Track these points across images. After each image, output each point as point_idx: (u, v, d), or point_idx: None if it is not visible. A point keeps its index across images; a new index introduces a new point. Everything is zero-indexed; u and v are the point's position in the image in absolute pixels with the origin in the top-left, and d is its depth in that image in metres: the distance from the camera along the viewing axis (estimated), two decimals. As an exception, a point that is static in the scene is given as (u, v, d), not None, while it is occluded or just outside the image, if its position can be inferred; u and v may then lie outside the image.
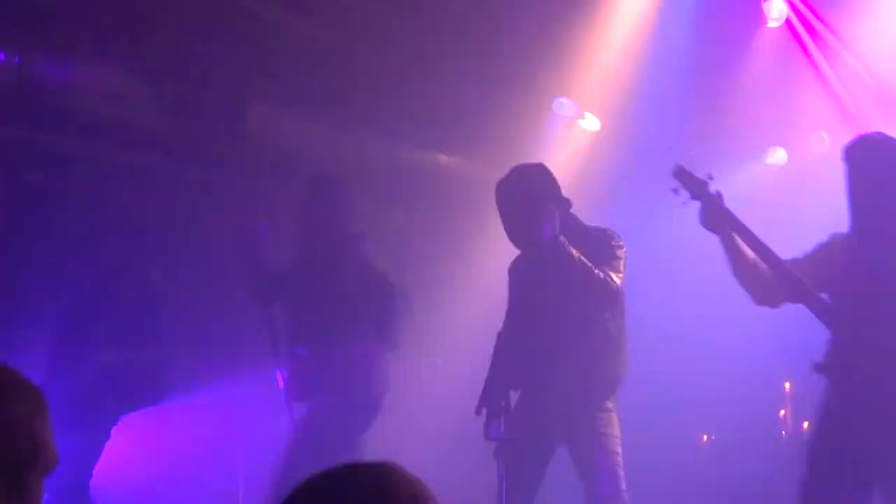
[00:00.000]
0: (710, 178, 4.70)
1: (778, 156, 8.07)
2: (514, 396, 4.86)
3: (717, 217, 4.63)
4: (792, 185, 7.76)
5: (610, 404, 5.08)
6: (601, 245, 5.04)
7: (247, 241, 5.62)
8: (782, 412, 7.25)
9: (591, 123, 7.85)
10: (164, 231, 6.58)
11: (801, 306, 4.59)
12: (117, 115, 6.48)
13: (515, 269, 5.21)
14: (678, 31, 6.98)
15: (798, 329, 6.91)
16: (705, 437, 7.73)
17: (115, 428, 5.72)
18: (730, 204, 4.69)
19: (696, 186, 4.66)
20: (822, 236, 4.72)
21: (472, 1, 6.70)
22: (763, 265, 4.57)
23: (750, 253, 4.60)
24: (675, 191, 4.71)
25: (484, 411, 4.65)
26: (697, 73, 7.31)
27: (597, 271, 4.90)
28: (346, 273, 5.54)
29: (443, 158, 8.17)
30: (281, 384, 5.56)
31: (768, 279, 4.58)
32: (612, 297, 4.99)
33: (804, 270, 4.57)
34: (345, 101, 7.19)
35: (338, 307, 5.45)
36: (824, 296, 4.56)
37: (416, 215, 7.97)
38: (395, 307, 5.61)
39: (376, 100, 7.25)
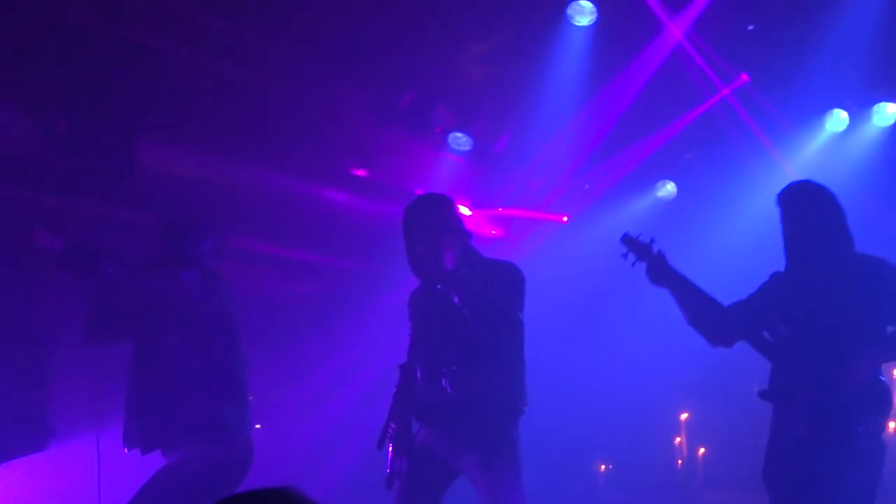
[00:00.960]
0: (653, 240, 5.20)
1: (668, 189, 8.25)
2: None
3: (663, 274, 5.14)
4: (681, 218, 7.95)
5: (511, 433, 5.08)
6: (502, 277, 5.05)
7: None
8: (678, 440, 7.36)
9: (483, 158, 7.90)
10: (46, 270, 6.38)
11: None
12: (5, 148, 6.28)
13: (415, 301, 5.19)
14: (570, 59, 7.08)
15: (693, 361, 7.10)
16: (602, 466, 7.80)
17: None
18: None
19: (640, 250, 5.20)
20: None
21: (365, 34, 6.70)
22: (709, 311, 5.04)
23: (696, 301, 5.07)
24: (624, 255, 5.23)
25: (386, 445, 4.64)
26: (590, 106, 7.43)
27: (496, 300, 4.92)
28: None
29: (334, 193, 8.14)
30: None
31: (716, 323, 5.06)
32: (511, 328, 5.00)
33: (749, 311, 5.03)
34: (235, 133, 7.12)
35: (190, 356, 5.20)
36: (775, 329, 4.97)
37: (303, 249, 7.90)
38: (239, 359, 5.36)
39: (270, 134, 7.20)
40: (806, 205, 4.96)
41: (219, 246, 5.42)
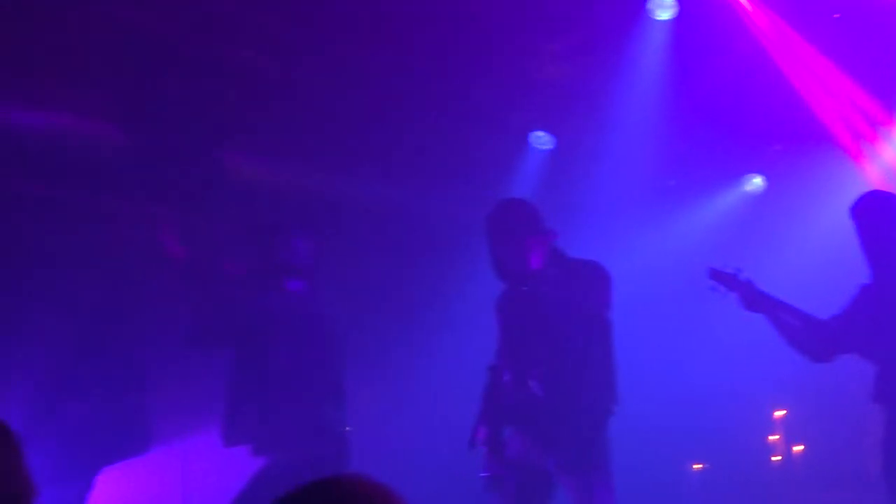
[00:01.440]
0: (739, 270, 5.44)
1: (755, 183, 8.09)
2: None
3: (755, 301, 5.36)
4: (770, 213, 7.80)
5: (603, 435, 5.03)
6: (590, 277, 5.01)
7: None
8: (774, 437, 7.21)
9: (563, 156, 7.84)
10: (143, 278, 6.49)
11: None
12: (93, 161, 6.41)
13: (503, 304, 5.16)
14: (651, 54, 6.99)
15: (788, 357, 6.95)
16: (696, 466, 7.67)
17: (97, 478, 5.59)
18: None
19: (728, 280, 5.43)
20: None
21: (440, 36, 6.68)
22: (807, 328, 5.21)
23: (793, 322, 5.25)
24: (713, 288, 5.48)
25: (478, 447, 4.62)
26: (672, 101, 7.32)
27: (585, 301, 4.87)
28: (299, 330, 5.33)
29: (417, 198, 8.14)
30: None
31: (816, 340, 5.23)
32: (600, 328, 4.96)
33: (845, 322, 5.16)
34: (320, 143, 7.17)
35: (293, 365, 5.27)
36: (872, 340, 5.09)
37: (390, 254, 7.91)
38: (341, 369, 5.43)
39: (350, 141, 7.24)
40: (884, 217, 5.04)
41: (316, 248, 5.50)
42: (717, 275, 5.50)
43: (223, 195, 6.81)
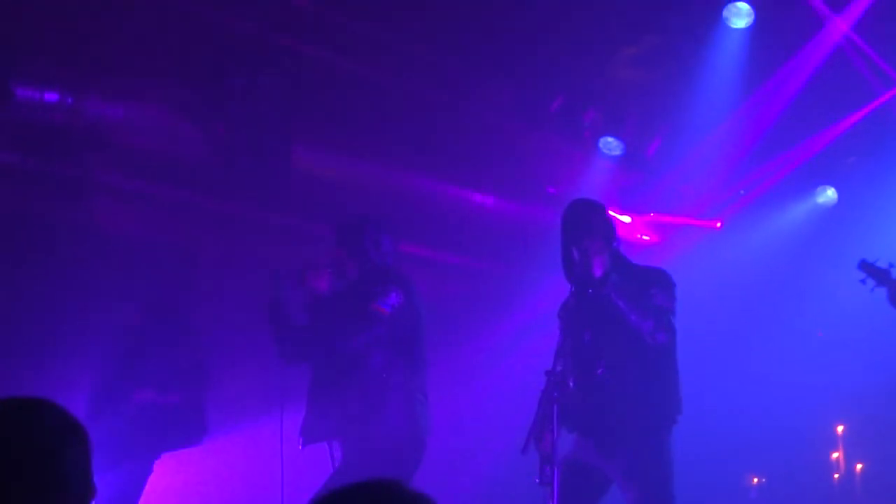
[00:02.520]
0: (892, 265, 5.43)
1: (828, 195, 7.98)
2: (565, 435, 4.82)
3: None
4: (842, 226, 7.69)
5: (663, 441, 5.00)
6: (654, 282, 4.98)
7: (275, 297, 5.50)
8: (835, 455, 7.11)
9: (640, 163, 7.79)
10: (206, 271, 6.62)
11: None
12: (166, 152, 6.53)
13: (566, 307, 5.15)
14: (726, 69, 6.93)
15: (850, 372, 6.85)
16: (755, 479, 7.60)
17: (156, 463, 5.72)
18: None
19: (879, 275, 5.43)
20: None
21: (515, 37, 6.69)
22: None
23: None
24: (863, 281, 5.45)
25: (532, 451, 4.63)
26: (747, 107, 7.26)
27: (647, 308, 4.84)
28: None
29: (482, 198, 8.16)
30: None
31: None
32: (664, 333, 4.91)
33: None
34: (385, 138, 7.23)
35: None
36: None
37: (456, 254, 7.95)
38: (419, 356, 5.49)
39: (419, 138, 7.29)
40: None
41: (395, 243, 5.56)
42: (868, 268, 5.46)
43: (289, 190, 6.89)
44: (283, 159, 6.90)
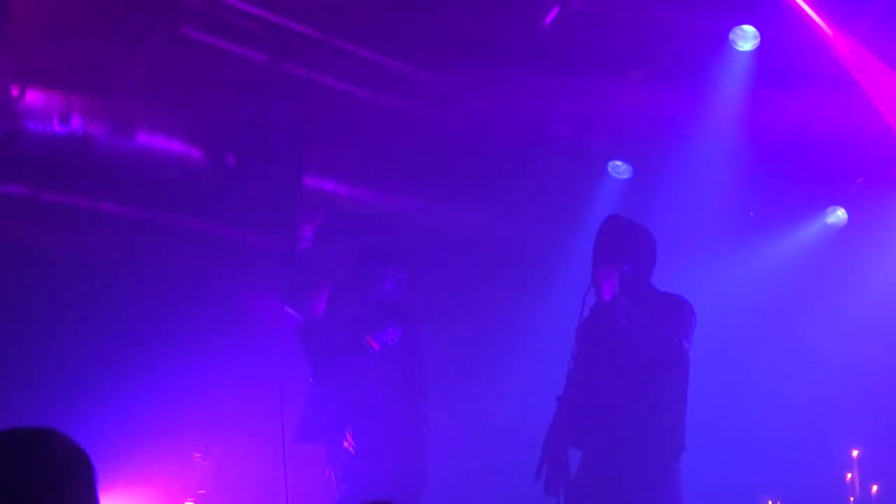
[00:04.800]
0: None
1: (838, 215, 7.95)
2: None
3: None
4: (852, 246, 7.66)
5: (673, 469, 4.97)
6: (670, 311, 4.95)
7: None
8: (849, 476, 7.06)
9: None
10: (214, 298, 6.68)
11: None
12: (176, 181, 6.56)
13: (581, 330, 5.12)
14: (732, 84, 6.93)
15: (864, 393, 6.81)
16: (770, 502, 7.54)
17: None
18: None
19: None
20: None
21: (522, 61, 6.72)
22: None
23: None
24: None
25: (544, 475, 4.62)
26: (755, 128, 7.26)
27: (660, 334, 4.82)
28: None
29: (492, 222, 8.16)
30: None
31: None
32: (675, 360, 4.89)
33: None
34: (396, 165, 7.26)
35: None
36: None
37: (465, 277, 7.94)
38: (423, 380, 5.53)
39: (429, 164, 7.31)
40: None
41: (409, 276, 5.57)
42: None
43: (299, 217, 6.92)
44: (295, 188, 6.92)
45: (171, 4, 6.04)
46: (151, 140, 6.50)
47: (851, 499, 7.03)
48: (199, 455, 6.54)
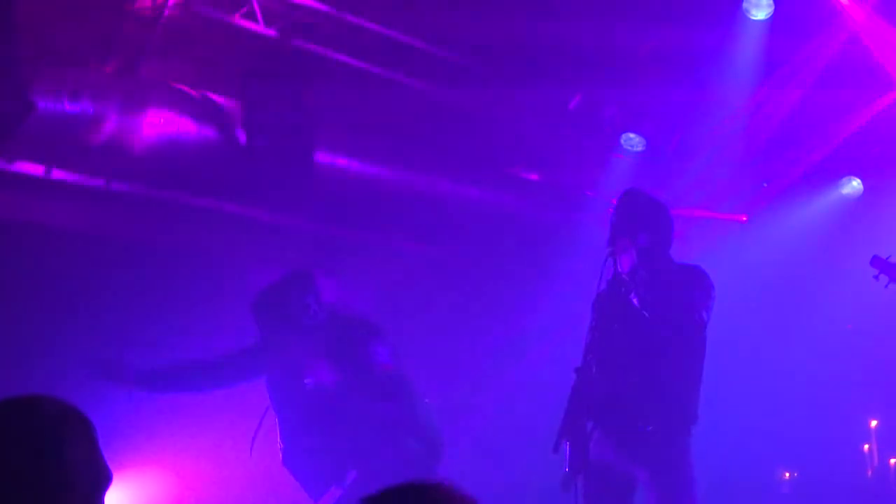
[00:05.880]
0: None
1: (853, 186, 7.91)
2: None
3: None
4: (868, 217, 7.62)
5: (687, 440, 4.96)
6: (689, 283, 4.94)
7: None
8: (867, 448, 7.04)
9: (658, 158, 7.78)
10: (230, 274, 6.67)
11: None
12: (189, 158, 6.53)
13: (599, 303, 5.11)
14: (750, 56, 6.88)
15: (882, 364, 6.78)
16: (787, 474, 7.53)
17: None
18: None
19: (892, 271, 5.40)
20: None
21: (535, 36, 6.67)
22: None
23: None
24: (876, 277, 5.41)
25: (562, 448, 4.60)
26: (769, 98, 7.21)
27: (678, 303, 4.80)
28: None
29: (504, 198, 8.13)
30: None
31: None
32: (692, 330, 4.87)
33: None
34: (405, 140, 7.23)
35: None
36: None
37: (473, 253, 7.92)
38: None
39: (436, 137, 7.28)
40: None
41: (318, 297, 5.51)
42: (881, 264, 5.46)
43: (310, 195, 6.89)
44: (307, 164, 6.88)
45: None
46: (162, 118, 6.47)
47: (869, 472, 7.01)
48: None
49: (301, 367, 5.37)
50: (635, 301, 4.85)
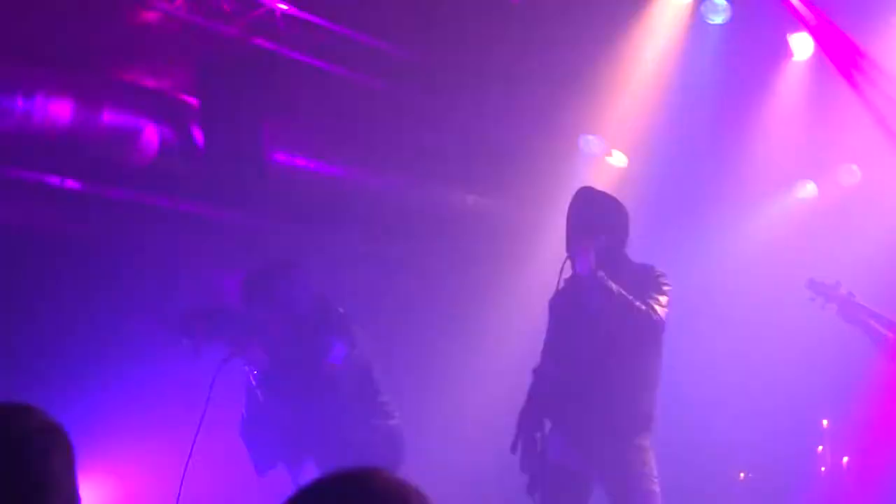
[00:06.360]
0: (839, 283, 5.69)
1: (808, 189, 7.99)
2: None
3: (852, 312, 5.61)
4: (823, 219, 7.69)
5: (645, 441, 4.97)
6: (646, 280, 4.94)
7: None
8: (820, 448, 7.11)
9: (618, 160, 7.81)
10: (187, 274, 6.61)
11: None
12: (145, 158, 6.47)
13: (555, 303, 5.10)
14: (704, 67, 6.93)
15: (835, 365, 6.85)
16: (742, 474, 7.59)
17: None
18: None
19: (827, 292, 5.66)
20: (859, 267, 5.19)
21: (493, 37, 6.66)
22: None
23: (890, 333, 5.49)
24: (812, 299, 5.68)
25: (519, 446, 4.60)
26: (724, 108, 7.26)
27: (637, 303, 4.80)
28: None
29: (465, 197, 8.13)
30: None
31: None
32: (652, 330, 4.87)
33: None
34: (364, 140, 7.20)
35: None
36: None
37: (437, 254, 7.90)
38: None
39: (396, 138, 7.26)
40: None
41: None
42: (816, 286, 5.67)
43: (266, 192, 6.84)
44: (260, 163, 6.83)
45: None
46: (116, 116, 6.39)
47: (822, 469, 7.08)
48: None
49: (274, 347, 5.36)
50: (593, 302, 4.85)
